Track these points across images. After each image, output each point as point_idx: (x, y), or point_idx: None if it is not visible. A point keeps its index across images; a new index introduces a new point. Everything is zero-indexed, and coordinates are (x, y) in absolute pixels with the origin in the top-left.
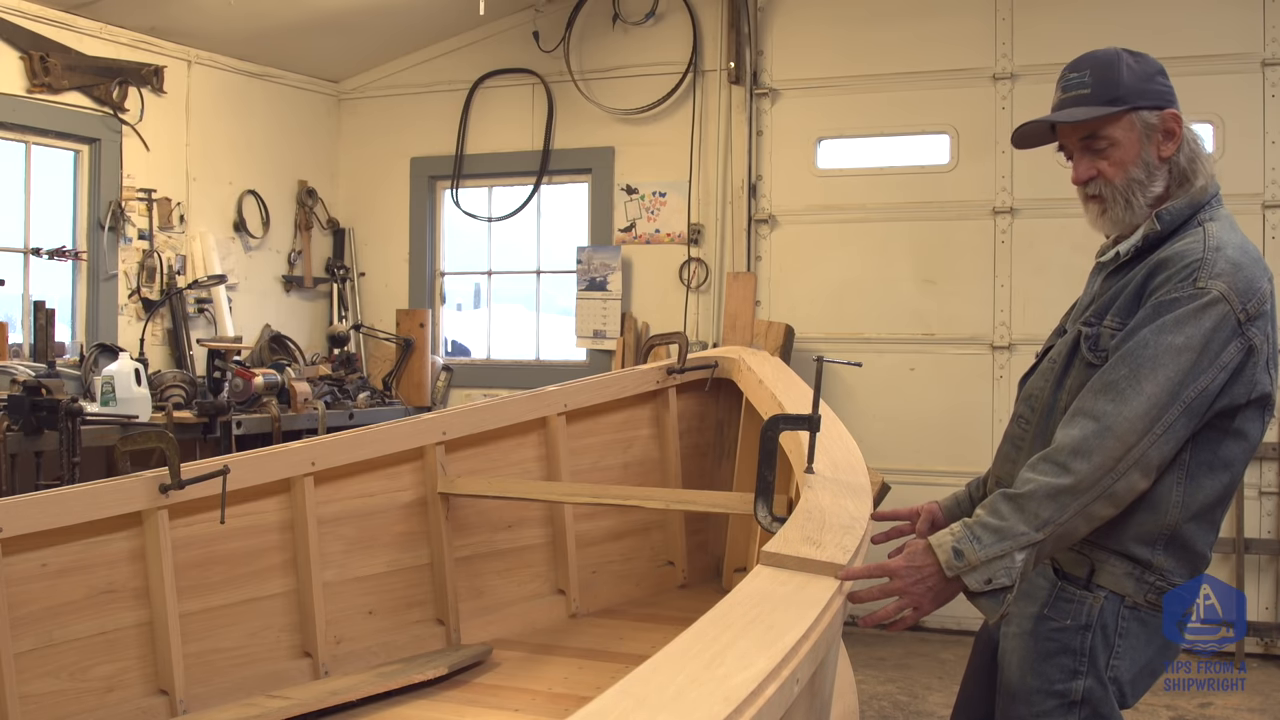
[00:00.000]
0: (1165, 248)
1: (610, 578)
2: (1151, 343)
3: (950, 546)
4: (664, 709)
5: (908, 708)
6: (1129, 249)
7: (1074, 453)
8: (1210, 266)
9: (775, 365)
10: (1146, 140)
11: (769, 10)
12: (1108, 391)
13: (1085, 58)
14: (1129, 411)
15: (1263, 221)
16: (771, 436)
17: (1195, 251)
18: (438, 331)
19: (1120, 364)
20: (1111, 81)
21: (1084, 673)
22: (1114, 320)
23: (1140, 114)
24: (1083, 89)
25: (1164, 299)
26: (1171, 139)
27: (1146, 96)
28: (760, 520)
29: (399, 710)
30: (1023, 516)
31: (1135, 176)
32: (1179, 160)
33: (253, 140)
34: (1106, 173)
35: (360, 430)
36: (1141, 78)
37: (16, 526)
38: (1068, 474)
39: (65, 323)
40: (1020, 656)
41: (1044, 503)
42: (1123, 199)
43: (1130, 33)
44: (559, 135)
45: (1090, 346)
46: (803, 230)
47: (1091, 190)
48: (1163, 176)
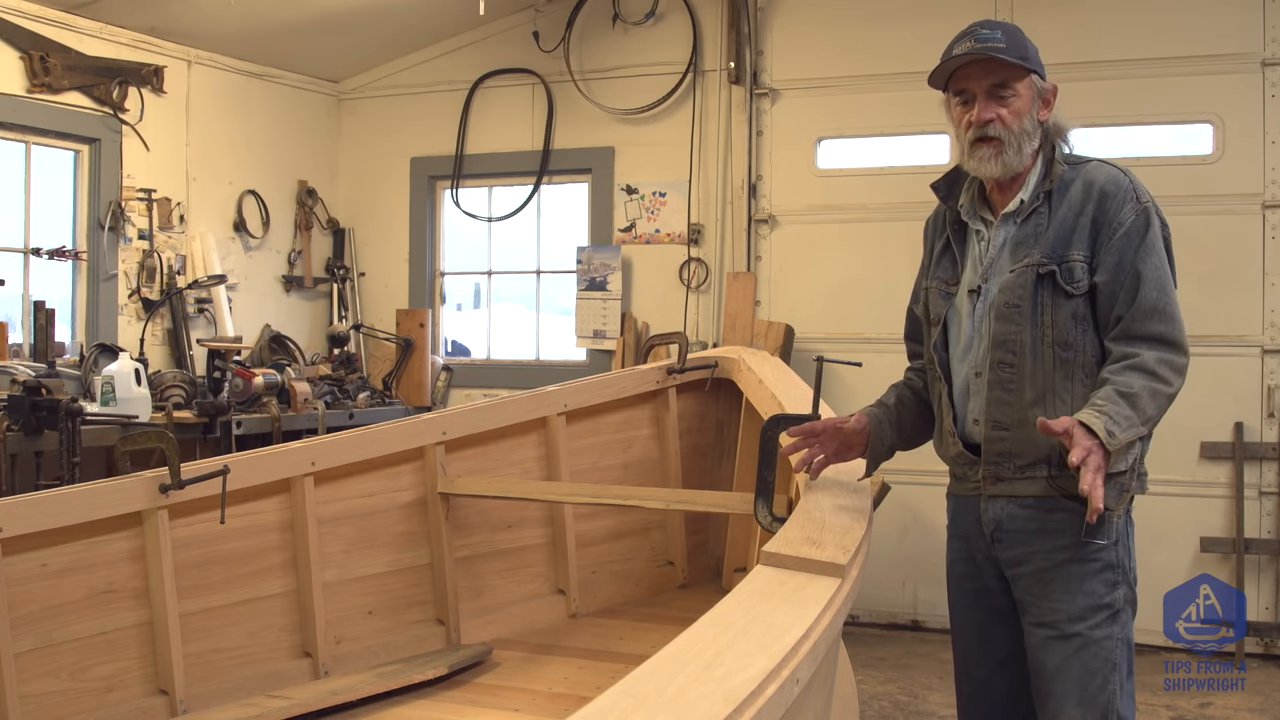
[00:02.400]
0: (1081, 183)
1: (610, 578)
2: (1159, 265)
3: (1103, 426)
4: (664, 709)
5: (908, 708)
6: (1035, 196)
7: (1160, 362)
8: (1136, 185)
9: (775, 365)
10: (1037, 101)
11: (769, 10)
12: (1154, 315)
13: (992, 22)
14: (1178, 325)
15: (1263, 221)
16: (771, 436)
17: (1119, 178)
18: (438, 331)
19: (1150, 289)
20: (1021, 45)
21: (1120, 582)
22: (1078, 253)
23: (1036, 78)
24: (998, 44)
25: (1126, 220)
26: (1048, 107)
27: (1041, 67)
28: (760, 520)
29: (399, 710)
30: (1137, 411)
31: (1025, 128)
32: (1050, 124)
33: (253, 140)
34: (1006, 118)
35: (360, 430)
36: (1036, 52)
37: (16, 526)
38: (1162, 381)
39: (65, 323)
40: (1064, 581)
41: (1149, 401)
42: (1015, 144)
43: (1130, 33)
44: (559, 135)
45: (1065, 279)
46: (803, 230)
47: (991, 131)
48: (1038, 135)
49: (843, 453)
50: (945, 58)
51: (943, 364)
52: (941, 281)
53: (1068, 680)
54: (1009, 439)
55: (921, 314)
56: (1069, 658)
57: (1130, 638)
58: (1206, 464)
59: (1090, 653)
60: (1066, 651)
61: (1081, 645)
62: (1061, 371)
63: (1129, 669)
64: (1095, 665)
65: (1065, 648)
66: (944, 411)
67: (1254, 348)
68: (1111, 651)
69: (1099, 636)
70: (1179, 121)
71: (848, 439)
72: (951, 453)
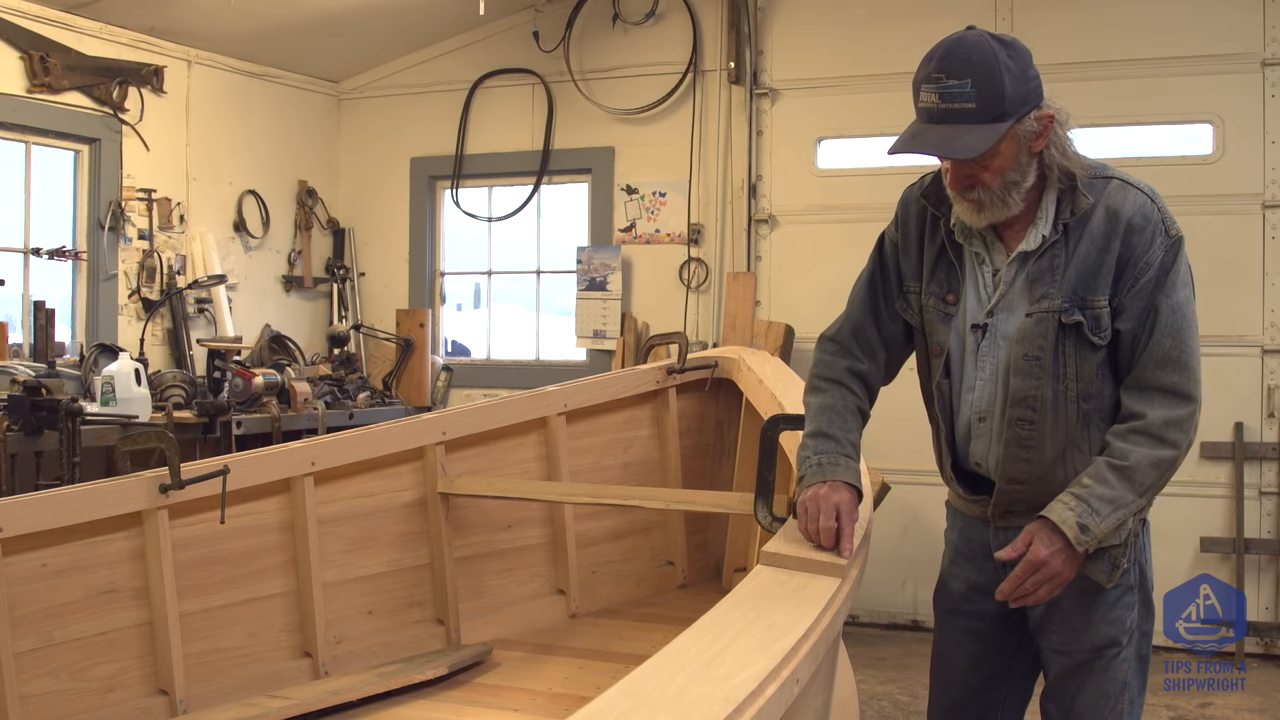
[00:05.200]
0: (1103, 212)
1: (610, 578)
2: (1177, 308)
3: (1075, 523)
4: (664, 709)
5: (908, 708)
6: (1054, 230)
7: (1166, 424)
8: (1164, 213)
9: (775, 365)
10: (1023, 142)
11: (769, 10)
12: (1167, 364)
13: (960, 60)
14: (1192, 374)
15: (1263, 221)
16: (771, 436)
17: (1147, 208)
18: (438, 331)
19: (1164, 336)
20: (996, 95)
21: (1137, 602)
22: (1101, 299)
23: (1022, 123)
24: (966, 102)
25: (1155, 260)
26: (1043, 137)
27: (1027, 101)
28: (760, 520)
29: (399, 710)
30: (1130, 485)
31: (1011, 178)
32: (1050, 151)
33: (253, 140)
34: (985, 180)
35: (360, 430)
36: (1020, 79)
37: (16, 526)
38: (1166, 446)
39: (65, 323)
40: (1089, 611)
41: (1148, 471)
42: (1000, 200)
43: (1130, 33)
44: (559, 135)
45: (1092, 329)
46: (802, 230)
47: (970, 195)
48: (1034, 169)
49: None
50: (915, 93)
51: (944, 406)
52: (939, 299)
53: (1083, 707)
54: (1025, 490)
55: (916, 326)
56: (1084, 684)
57: (1145, 653)
58: (1206, 464)
59: (1106, 677)
60: (1082, 678)
61: (1100, 670)
62: (1083, 424)
63: (1140, 684)
64: (1110, 690)
65: (1082, 674)
66: (944, 453)
67: (1254, 348)
68: (1124, 673)
69: (1116, 662)
70: (1179, 121)
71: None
72: (953, 489)
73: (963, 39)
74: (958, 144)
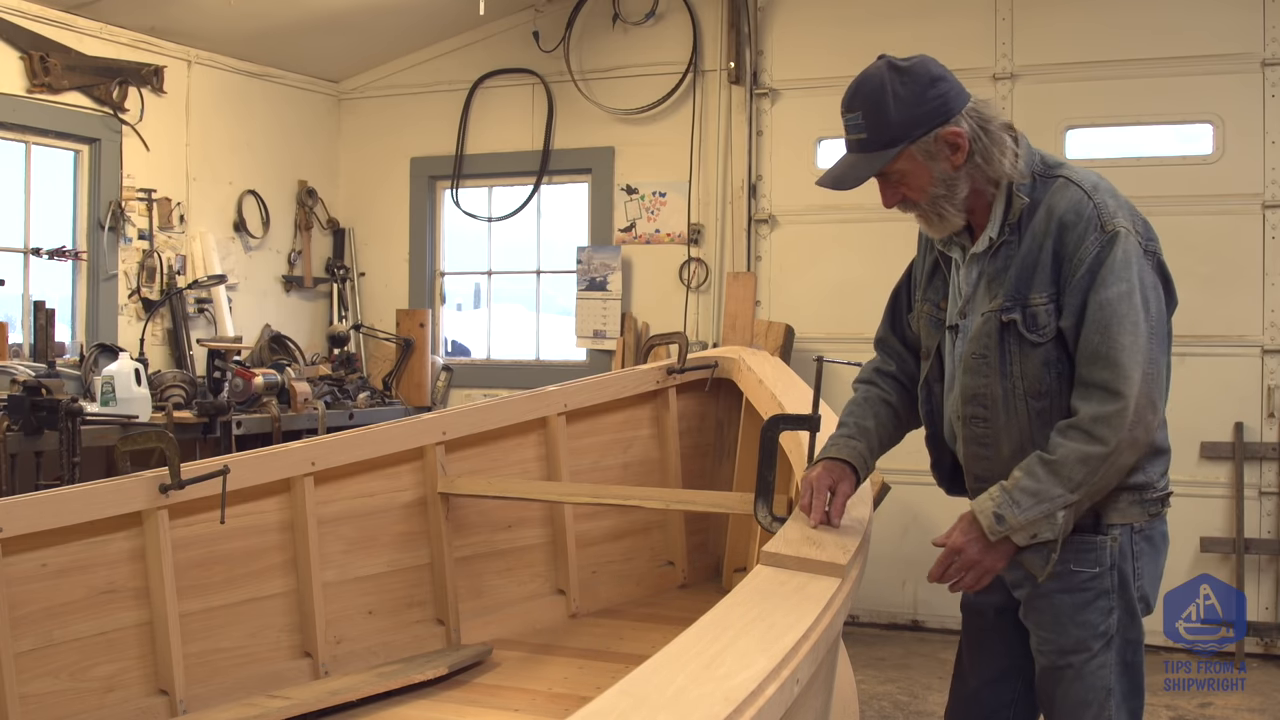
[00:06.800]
0: (1044, 211)
1: (610, 578)
2: (1105, 303)
3: (991, 512)
4: (664, 709)
5: (908, 708)
6: (1000, 232)
7: (1095, 420)
8: (1103, 209)
9: (775, 365)
10: (933, 160)
11: (769, 10)
12: (1096, 361)
13: (857, 93)
14: (1122, 370)
15: (1263, 221)
16: (771, 436)
17: (1083, 202)
18: (438, 331)
19: (1092, 332)
20: (883, 123)
21: (1115, 607)
22: (1041, 296)
23: (916, 145)
24: (859, 133)
25: (1087, 256)
26: (958, 151)
27: (920, 124)
28: (760, 520)
29: (399, 710)
30: (1058, 480)
31: (936, 193)
32: (975, 161)
33: (253, 140)
34: (910, 196)
35: (360, 430)
36: (910, 105)
37: (16, 526)
38: (1095, 441)
39: (65, 323)
40: (1057, 612)
41: (1076, 466)
42: (934, 214)
43: (1130, 33)
44: (559, 135)
45: (1029, 327)
46: (802, 230)
47: (905, 210)
48: (964, 180)
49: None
50: None
51: (932, 407)
52: (933, 305)
53: (1064, 711)
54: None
55: (916, 334)
56: (1063, 689)
57: (1132, 660)
58: (1206, 464)
59: (1084, 684)
60: (1059, 682)
61: (1074, 677)
62: (1039, 422)
63: (1130, 688)
64: (1089, 697)
65: (1058, 678)
66: (931, 453)
67: (1254, 348)
68: (1105, 679)
69: (1093, 667)
70: (1179, 121)
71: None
72: (940, 487)
73: (865, 72)
74: (848, 175)
